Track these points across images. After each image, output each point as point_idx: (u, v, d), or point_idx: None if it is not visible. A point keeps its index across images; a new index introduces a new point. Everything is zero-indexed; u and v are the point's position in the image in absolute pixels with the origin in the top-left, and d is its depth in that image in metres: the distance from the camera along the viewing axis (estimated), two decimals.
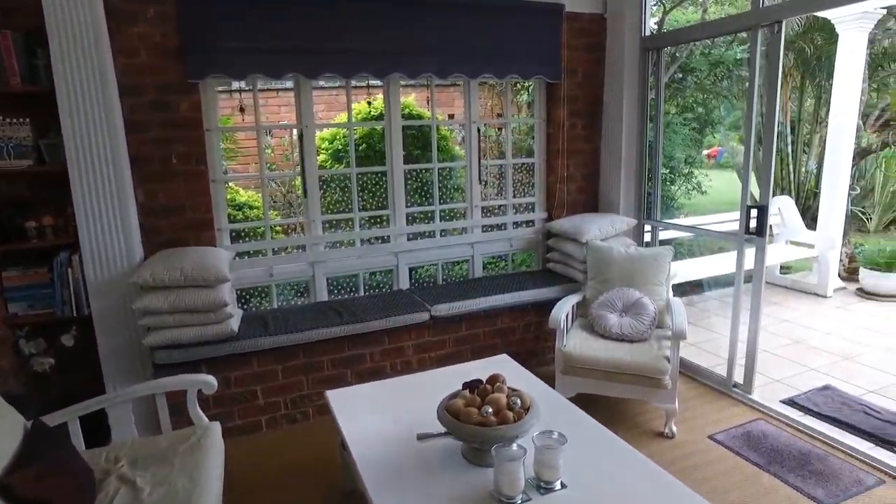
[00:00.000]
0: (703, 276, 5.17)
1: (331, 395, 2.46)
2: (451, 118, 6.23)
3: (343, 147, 4.70)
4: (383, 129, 3.69)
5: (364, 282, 3.78)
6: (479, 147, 3.88)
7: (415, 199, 4.46)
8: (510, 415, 1.80)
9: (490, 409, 1.81)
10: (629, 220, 3.85)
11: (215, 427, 2.32)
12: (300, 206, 3.62)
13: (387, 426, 2.19)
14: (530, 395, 1.97)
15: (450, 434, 1.89)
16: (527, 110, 5.89)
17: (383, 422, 2.23)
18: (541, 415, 1.88)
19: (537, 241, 4.14)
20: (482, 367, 2.62)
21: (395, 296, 3.56)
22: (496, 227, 4.03)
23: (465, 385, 1.99)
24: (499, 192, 4.70)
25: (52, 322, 2.81)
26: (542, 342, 3.76)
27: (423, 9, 3.37)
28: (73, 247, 2.78)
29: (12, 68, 2.59)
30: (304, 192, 3.49)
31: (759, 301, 3.20)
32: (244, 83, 3.40)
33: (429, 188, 4.20)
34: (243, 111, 3.62)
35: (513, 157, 4.13)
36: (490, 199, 4.23)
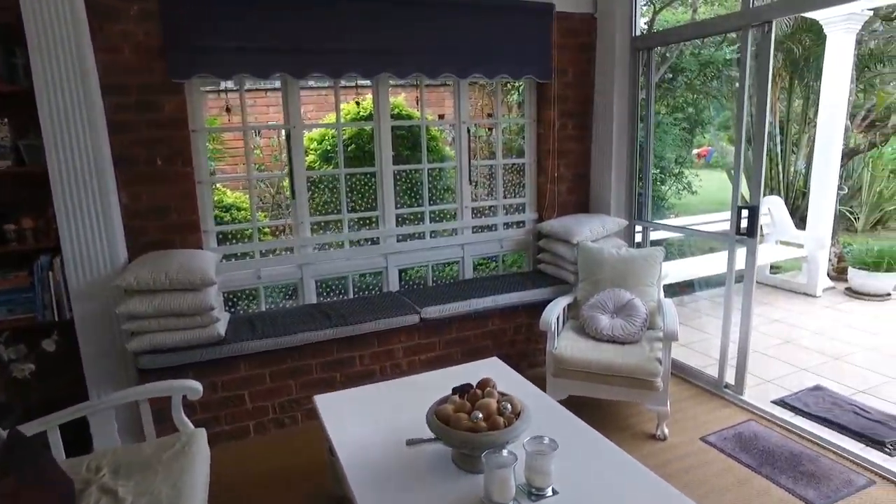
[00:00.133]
0: (693, 277, 5.18)
1: (319, 400, 2.43)
2: (441, 118, 6.20)
3: (332, 148, 4.66)
4: (372, 130, 3.65)
5: (353, 284, 3.74)
6: (469, 147, 3.86)
7: (404, 201, 4.43)
8: (501, 420, 1.77)
9: (480, 415, 1.78)
10: (620, 221, 3.83)
11: (201, 434, 2.27)
12: (288, 207, 3.57)
13: (375, 431, 2.16)
14: (521, 399, 1.94)
15: (439, 440, 1.86)
16: (517, 110, 5.87)
17: (372, 427, 2.20)
18: (532, 420, 1.85)
19: (528, 242, 4.12)
20: (473, 370, 2.60)
21: (385, 298, 3.53)
22: (486, 228, 4.00)
23: (455, 390, 1.96)
24: (489, 192, 4.68)
25: (32, 327, 2.74)
26: (533, 344, 3.74)
27: (412, 8, 3.33)
28: (55, 250, 2.72)
29: None
30: (293, 193, 3.45)
31: (750, 302, 3.20)
32: (232, 83, 3.34)
33: (418, 189, 4.16)
34: (229, 111, 3.56)
35: (503, 158, 4.11)
36: (480, 199, 4.20)
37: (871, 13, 5.26)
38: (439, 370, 2.73)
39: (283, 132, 3.45)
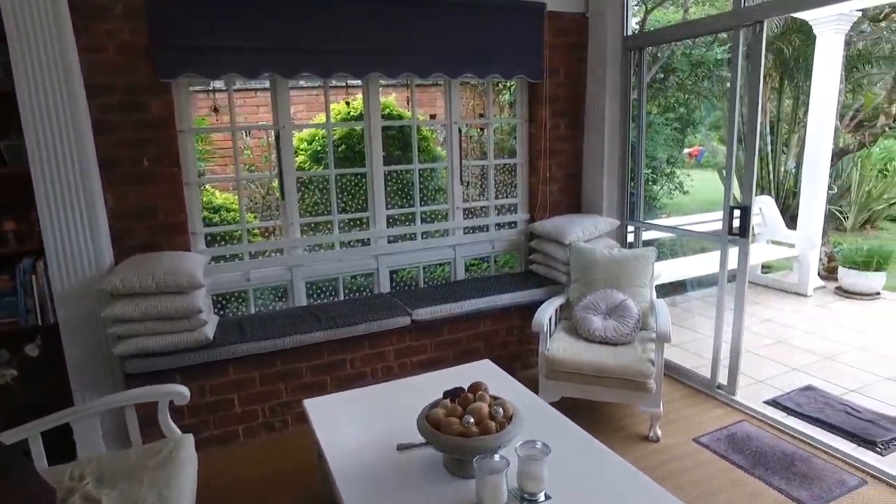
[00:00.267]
0: (686, 277, 5.18)
1: (308, 405, 2.39)
2: (432, 118, 6.16)
3: (322, 148, 4.61)
4: (363, 130, 3.62)
5: (344, 285, 3.71)
6: (460, 148, 3.83)
7: (395, 201, 4.39)
8: (492, 425, 1.75)
9: (472, 419, 1.76)
10: (612, 221, 3.82)
11: (188, 439, 2.23)
12: (278, 208, 3.53)
13: (366, 436, 2.13)
14: (513, 402, 1.92)
15: (430, 445, 1.84)
16: (509, 110, 5.85)
17: (362, 431, 2.17)
18: (524, 424, 1.83)
19: (520, 242, 4.10)
20: (464, 373, 2.57)
21: (376, 300, 3.49)
22: (478, 228, 3.98)
23: (446, 394, 1.94)
24: (481, 193, 4.65)
25: (15, 331, 2.69)
26: (525, 345, 3.72)
27: (403, 8, 3.30)
28: (38, 253, 2.67)
29: None
30: (282, 194, 3.41)
31: (742, 302, 3.19)
32: (221, 83, 3.30)
33: (409, 190, 4.13)
34: (217, 111, 3.51)
35: (495, 158, 4.08)
36: (472, 200, 4.17)
37: (860, 14, 5.29)
38: (431, 372, 2.70)
39: (273, 132, 3.41)
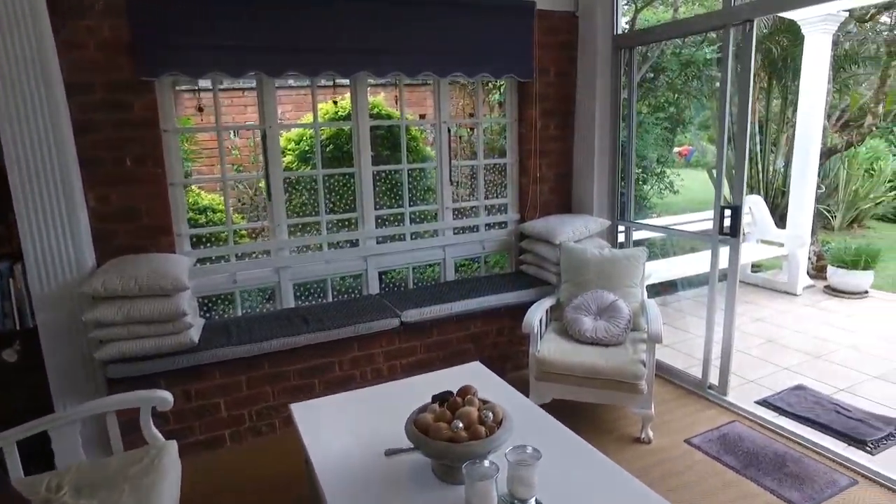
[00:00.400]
0: (676, 277, 5.17)
1: (295, 409, 2.35)
2: (422, 118, 6.13)
3: (310, 148, 4.56)
4: (351, 130, 3.57)
5: (332, 287, 3.66)
6: (449, 147, 3.79)
7: (384, 202, 4.35)
8: (482, 429, 1.71)
9: (460, 424, 1.72)
10: (602, 221, 3.80)
11: (171, 446, 2.18)
12: (265, 209, 3.48)
13: (353, 441, 2.09)
14: (503, 406, 1.88)
15: (418, 450, 1.80)
16: (499, 110, 5.82)
17: (350, 436, 2.12)
18: (514, 428, 1.79)
19: (510, 242, 4.07)
20: (454, 375, 2.54)
21: (365, 301, 3.45)
22: (468, 229, 3.94)
23: (435, 398, 1.90)
24: (471, 193, 4.63)
25: None
26: (516, 346, 3.69)
27: (392, 7, 3.26)
28: (15, 256, 2.60)
29: None
30: (269, 195, 3.35)
31: (733, 302, 3.18)
32: (208, 82, 3.24)
33: (398, 190, 4.09)
34: (202, 110, 3.45)
35: (485, 158, 4.05)
36: (462, 200, 4.13)
37: (847, 14, 5.32)
38: (420, 375, 2.67)
39: (259, 132, 3.36)
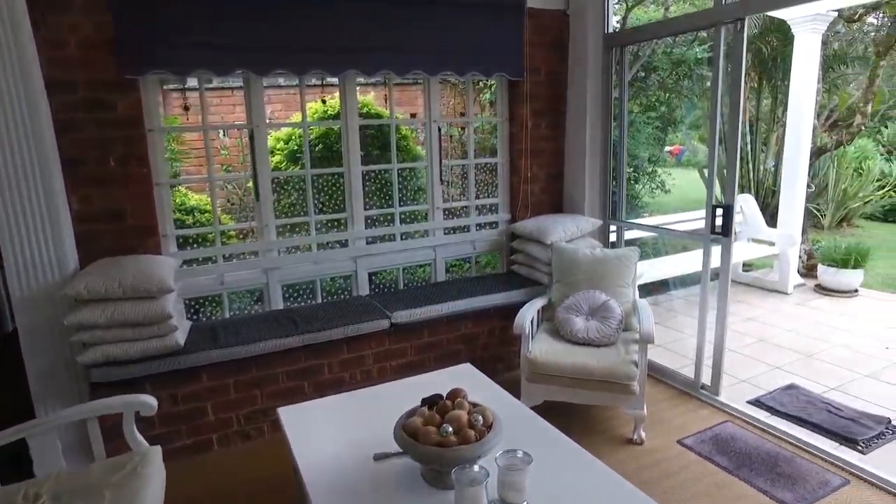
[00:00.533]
0: (668, 276, 5.17)
1: (283, 413, 2.30)
2: (413, 117, 6.09)
3: (299, 148, 4.51)
4: (340, 129, 3.53)
5: (322, 288, 3.61)
6: (440, 147, 3.76)
7: (374, 202, 4.31)
8: (471, 433, 1.68)
9: (450, 428, 1.69)
10: (594, 221, 3.78)
11: (155, 452, 2.13)
12: (252, 209, 3.43)
13: (342, 445, 2.05)
14: (494, 409, 1.85)
15: (407, 454, 1.76)
16: (490, 109, 5.79)
17: (338, 440, 2.09)
18: (504, 432, 1.76)
19: (501, 242, 4.04)
20: (444, 377, 2.51)
21: (354, 302, 3.41)
22: (459, 229, 3.91)
23: (424, 401, 1.87)
24: (462, 193, 4.60)
25: None
26: (507, 347, 3.66)
27: (380, 5, 3.22)
28: None
29: None
30: (257, 195, 3.31)
31: (725, 301, 3.17)
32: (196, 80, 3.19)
33: (388, 190, 4.05)
34: (188, 109, 3.40)
35: (476, 157, 4.02)
36: (453, 200, 4.10)
37: (836, 14, 5.33)
38: (410, 377, 2.63)
39: (246, 132, 3.31)
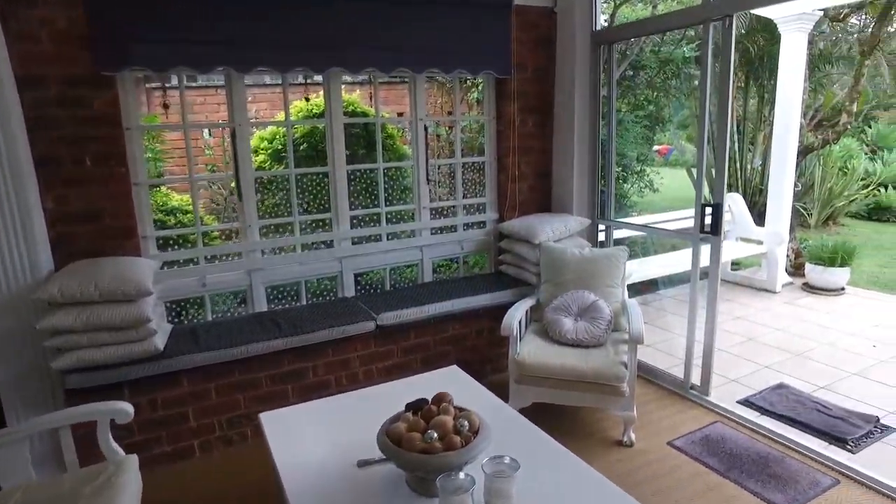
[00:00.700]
0: (657, 275, 5.15)
1: (265, 418, 2.24)
2: (400, 116, 6.03)
3: (283, 147, 4.43)
4: (325, 128, 3.46)
5: (306, 289, 3.54)
6: (426, 146, 3.70)
7: (360, 201, 4.24)
8: (457, 440, 1.63)
9: (435, 435, 1.63)
10: (583, 220, 3.74)
11: (131, 461, 2.06)
12: (234, 209, 3.36)
13: (325, 451, 1.99)
14: (481, 413, 1.80)
15: (391, 461, 1.71)
16: (477, 108, 5.74)
17: (321, 446, 2.02)
18: (491, 437, 1.71)
19: (489, 242, 3.99)
20: (430, 380, 2.45)
21: (340, 304, 3.34)
22: (446, 229, 3.86)
23: (409, 406, 1.81)
24: (449, 192, 4.55)
25: None
26: (496, 348, 3.62)
27: (364, 2, 3.15)
28: None
29: None
30: (240, 195, 3.23)
31: (714, 301, 3.14)
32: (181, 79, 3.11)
33: (374, 189, 3.99)
34: (167, 108, 3.31)
35: (463, 157, 3.97)
36: (440, 199, 4.04)
37: (822, 13, 5.34)
38: (396, 381, 2.57)
39: (228, 131, 3.23)
